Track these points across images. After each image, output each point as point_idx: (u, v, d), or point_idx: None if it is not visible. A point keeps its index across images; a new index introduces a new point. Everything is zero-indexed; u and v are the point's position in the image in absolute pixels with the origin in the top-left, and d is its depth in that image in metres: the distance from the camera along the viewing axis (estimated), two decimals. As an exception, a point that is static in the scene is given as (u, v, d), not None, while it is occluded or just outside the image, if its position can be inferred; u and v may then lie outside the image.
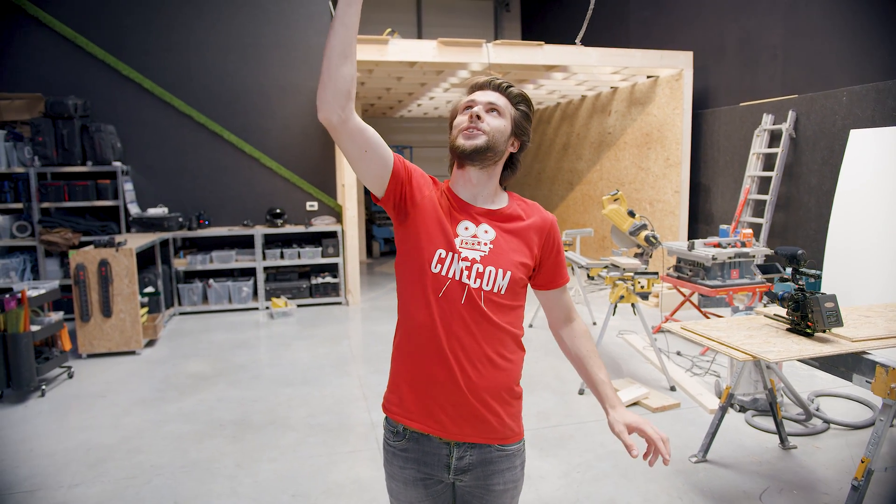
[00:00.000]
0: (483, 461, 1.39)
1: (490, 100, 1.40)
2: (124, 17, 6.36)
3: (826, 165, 5.35)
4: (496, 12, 12.43)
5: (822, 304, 2.39)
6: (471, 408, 1.35)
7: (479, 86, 1.45)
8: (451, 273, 1.34)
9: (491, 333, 1.36)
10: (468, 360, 1.34)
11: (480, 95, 1.42)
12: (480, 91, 1.44)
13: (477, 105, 1.40)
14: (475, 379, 1.35)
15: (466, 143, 1.36)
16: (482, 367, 1.35)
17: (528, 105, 1.45)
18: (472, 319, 1.34)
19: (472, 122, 1.37)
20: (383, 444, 1.47)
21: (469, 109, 1.40)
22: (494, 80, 1.44)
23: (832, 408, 3.60)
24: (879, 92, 4.85)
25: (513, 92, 1.44)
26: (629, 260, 4.26)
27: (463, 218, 1.40)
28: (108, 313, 4.79)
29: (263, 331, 5.70)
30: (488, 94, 1.42)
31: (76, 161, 5.89)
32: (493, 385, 1.38)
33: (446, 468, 1.39)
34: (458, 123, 1.41)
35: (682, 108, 6.66)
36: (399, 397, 1.41)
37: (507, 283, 1.37)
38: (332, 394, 4.01)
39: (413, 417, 1.38)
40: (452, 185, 1.45)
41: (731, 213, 6.45)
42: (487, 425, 1.38)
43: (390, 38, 5.92)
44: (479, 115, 1.38)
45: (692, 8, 7.15)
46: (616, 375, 4.20)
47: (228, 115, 6.73)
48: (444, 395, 1.35)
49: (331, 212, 7.10)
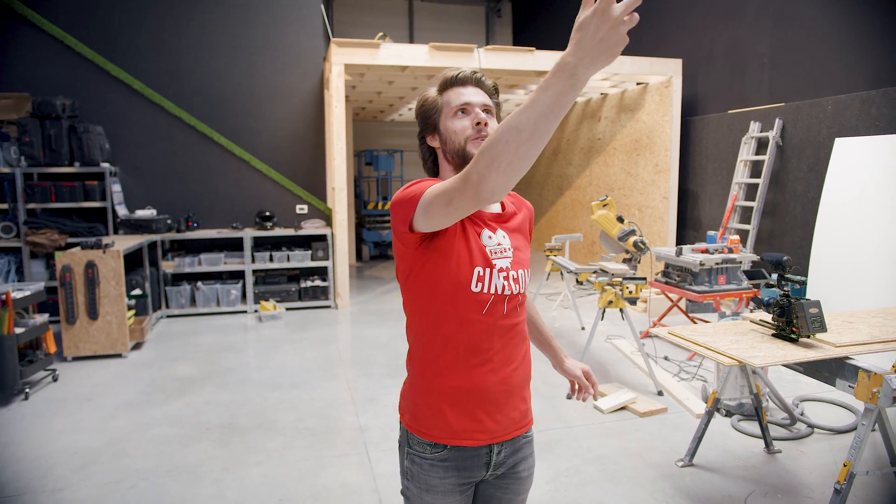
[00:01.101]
0: (513, 451, 1.42)
1: (483, 100, 1.36)
2: (114, 18, 6.32)
3: (812, 173, 5.42)
4: (488, 18, 12.49)
5: (806, 310, 2.42)
6: (513, 405, 1.39)
7: (461, 81, 1.38)
8: (492, 289, 1.32)
9: (520, 330, 1.40)
10: (510, 361, 1.37)
11: (473, 95, 1.36)
12: (465, 88, 1.37)
13: (475, 107, 1.35)
14: (516, 376, 1.39)
15: None
16: (519, 363, 1.40)
17: (498, 92, 1.43)
18: (510, 324, 1.36)
19: (483, 133, 1.32)
20: (410, 458, 1.39)
21: (464, 113, 1.34)
22: (475, 74, 1.38)
23: (816, 412, 3.64)
24: (863, 101, 4.92)
25: (489, 84, 1.40)
26: (618, 265, 4.29)
27: (481, 227, 1.35)
28: (95, 315, 4.74)
29: (252, 334, 5.67)
30: (477, 92, 1.37)
31: (63, 162, 5.84)
32: (527, 376, 1.44)
33: (486, 467, 1.39)
34: (459, 129, 1.33)
35: (672, 115, 6.72)
36: (443, 420, 1.34)
37: (526, 281, 1.41)
38: (320, 397, 4.00)
39: (461, 436, 1.34)
40: None
41: (719, 219, 6.51)
42: (524, 416, 1.43)
43: (382, 42, 5.93)
44: (486, 122, 1.33)
45: (681, 16, 7.22)
46: (604, 380, 4.22)
47: (219, 117, 6.71)
48: (492, 403, 1.36)
49: (321, 215, 7.08)
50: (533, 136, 0.94)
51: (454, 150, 1.34)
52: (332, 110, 6.07)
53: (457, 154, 1.34)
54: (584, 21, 0.88)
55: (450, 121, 1.35)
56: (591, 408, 3.72)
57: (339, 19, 11.29)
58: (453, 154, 1.35)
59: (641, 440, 3.31)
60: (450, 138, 1.35)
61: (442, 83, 1.39)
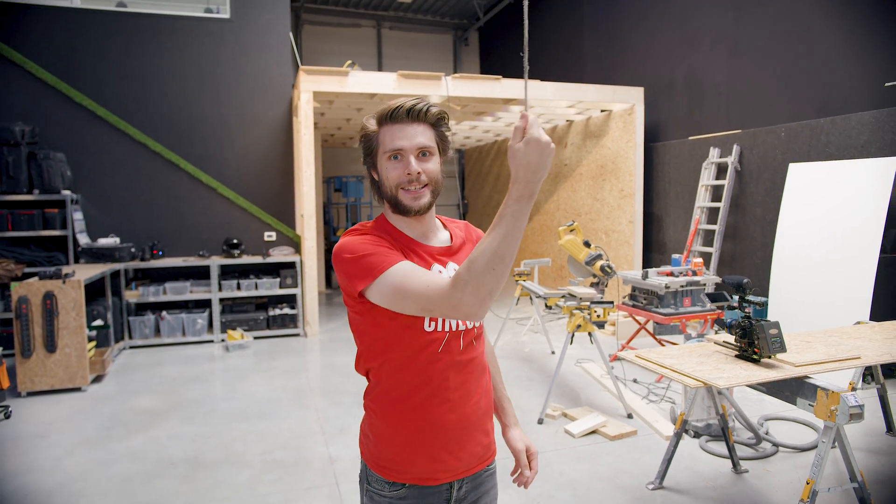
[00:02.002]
0: (475, 486, 1.41)
1: (419, 142, 1.27)
2: (78, 44, 6.25)
3: (769, 197, 5.62)
4: (455, 46, 12.73)
5: (766, 331, 2.49)
6: (476, 440, 1.37)
7: (396, 118, 1.27)
8: (446, 326, 1.30)
9: (479, 363, 1.38)
10: (470, 397, 1.35)
11: (408, 137, 1.26)
12: (400, 127, 1.27)
13: (408, 154, 1.27)
14: (476, 411, 1.37)
15: (415, 205, 1.28)
16: (479, 397, 1.38)
17: (446, 119, 1.34)
18: (467, 359, 1.34)
19: (412, 183, 1.27)
20: (369, 495, 1.36)
21: (397, 159, 1.27)
22: (413, 108, 1.27)
23: (781, 431, 3.72)
24: (813, 129, 5.15)
25: (432, 114, 1.30)
26: (585, 289, 4.35)
27: (430, 262, 1.32)
28: (53, 348, 4.58)
29: (218, 364, 5.55)
30: (414, 132, 1.27)
31: (22, 189, 5.69)
32: (488, 409, 1.42)
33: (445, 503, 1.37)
34: (392, 176, 1.28)
35: (635, 141, 6.91)
36: (401, 459, 1.32)
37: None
38: (289, 428, 3.92)
39: (420, 476, 1.32)
40: (396, 224, 1.34)
41: (683, 242, 6.68)
42: (486, 450, 1.41)
43: (351, 69, 5.99)
44: (420, 171, 1.26)
45: (643, 46, 7.49)
46: (574, 404, 4.24)
47: (185, 144, 6.64)
48: (453, 442, 1.33)
49: (289, 242, 7.02)
50: (511, 258, 1.06)
51: (387, 195, 1.30)
52: (301, 137, 6.07)
53: (389, 199, 1.30)
54: (524, 151, 1.04)
55: (384, 164, 1.29)
56: (563, 432, 3.73)
57: (308, 47, 11.37)
58: (387, 198, 1.31)
59: (612, 464, 3.33)
60: (383, 182, 1.30)
61: (378, 117, 1.30)
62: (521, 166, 1.03)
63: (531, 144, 1.03)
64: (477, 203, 12.15)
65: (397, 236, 1.32)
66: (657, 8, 7.16)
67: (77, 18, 6.25)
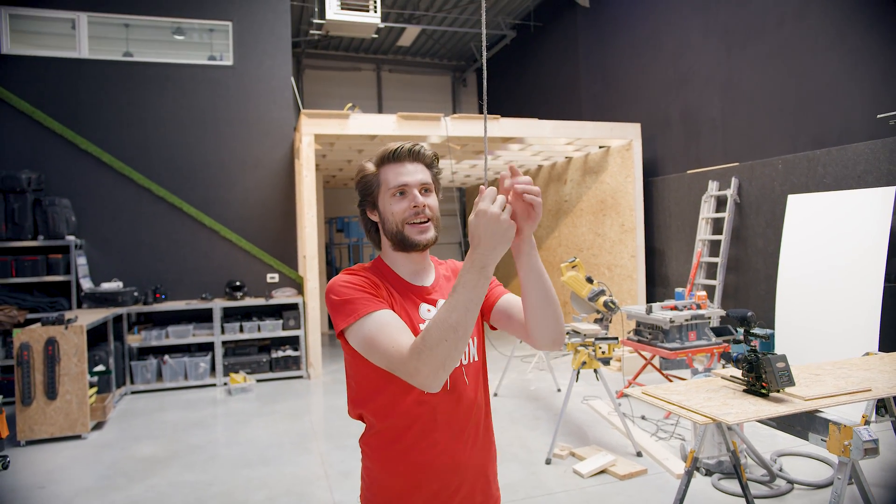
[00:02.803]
0: None
1: (421, 178, 1.32)
2: (84, 93, 6.40)
3: (770, 228, 5.63)
4: (454, 87, 12.98)
5: (773, 365, 2.46)
6: (475, 486, 1.34)
7: (398, 158, 1.34)
8: None
9: (472, 403, 1.34)
10: (462, 438, 1.31)
11: (411, 174, 1.32)
12: (403, 165, 1.33)
13: (412, 189, 1.31)
14: (473, 455, 1.33)
15: (422, 239, 1.31)
16: (475, 440, 1.34)
17: (438, 161, 1.40)
18: (456, 400, 1.31)
19: (420, 216, 1.30)
20: None
21: (402, 195, 1.31)
22: (413, 149, 1.34)
23: (795, 467, 3.63)
24: (810, 160, 5.20)
25: (428, 156, 1.36)
26: (589, 326, 4.32)
27: (419, 301, 1.34)
28: (53, 395, 4.54)
29: (221, 408, 5.48)
30: (416, 169, 1.33)
31: (26, 236, 5.73)
32: (491, 456, 1.39)
33: None
34: (398, 211, 1.31)
35: (634, 176, 6.97)
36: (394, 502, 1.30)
37: (477, 347, 1.37)
38: (292, 473, 3.84)
39: None
40: (392, 264, 1.37)
41: (686, 275, 6.66)
42: (487, 499, 1.37)
43: (351, 112, 6.10)
44: (425, 204, 1.31)
45: (638, 83, 7.63)
46: (582, 443, 4.16)
47: (188, 188, 6.72)
48: (449, 487, 1.30)
49: (292, 283, 7.02)
50: (466, 329, 1.08)
51: (392, 231, 1.32)
52: (303, 179, 6.15)
53: (394, 235, 1.32)
54: (473, 223, 1.08)
55: (388, 201, 1.32)
56: (572, 472, 3.64)
57: (309, 90, 11.61)
58: (391, 235, 1.33)
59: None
60: (388, 219, 1.33)
61: (379, 158, 1.35)
62: (473, 236, 1.08)
63: (479, 216, 1.07)
64: (478, 240, 12.17)
65: (391, 278, 1.34)
66: (651, 46, 7.32)
67: (84, 68, 6.42)
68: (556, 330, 1.25)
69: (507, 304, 1.38)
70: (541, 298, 1.22)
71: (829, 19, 5.06)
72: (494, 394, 5.41)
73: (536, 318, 1.24)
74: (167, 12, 6.73)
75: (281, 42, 7.06)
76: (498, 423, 4.49)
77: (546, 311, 1.23)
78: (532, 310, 1.24)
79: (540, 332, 1.26)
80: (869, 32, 4.75)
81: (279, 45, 7.05)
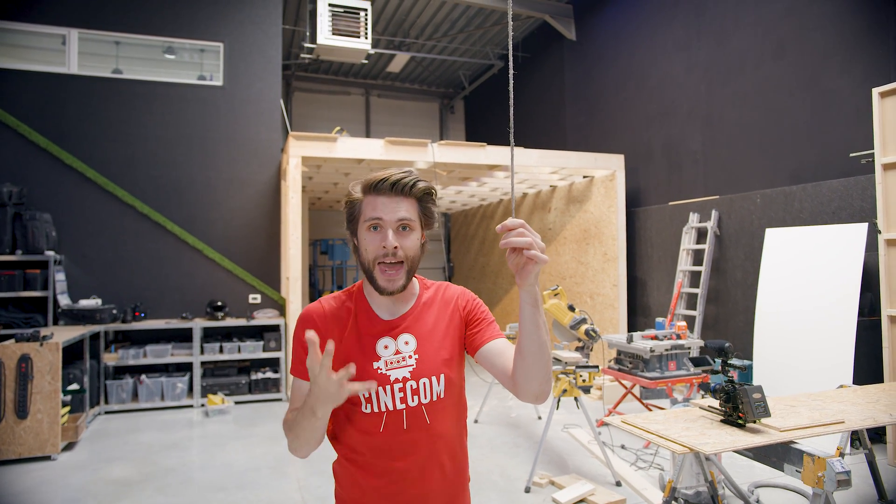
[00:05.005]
0: None
1: (400, 215, 1.27)
2: (71, 108, 6.38)
3: (748, 260, 5.74)
4: (441, 113, 13.15)
5: (750, 396, 2.50)
6: None
7: (380, 190, 1.28)
8: (382, 407, 1.29)
9: (431, 440, 1.33)
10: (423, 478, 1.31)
11: (389, 209, 1.26)
12: (382, 199, 1.27)
13: (388, 227, 1.27)
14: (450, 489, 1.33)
15: (388, 286, 1.28)
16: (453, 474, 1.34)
17: (434, 194, 1.35)
18: (412, 440, 1.30)
19: (389, 260, 1.27)
20: None
21: (377, 230, 1.27)
22: (399, 182, 1.28)
23: (772, 499, 3.65)
24: (787, 195, 5.34)
25: (419, 189, 1.30)
26: (571, 354, 4.35)
27: (381, 335, 1.33)
28: (24, 414, 4.43)
29: (197, 430, 5.38)
30: (397, 206, 1.27)
31: (4, 250, 5.65)
32: (463, 484, 1.38)
33: None
34: (370, 248, 1.28)
35: (617, 206, 7.08)
36: None
37: (444, 385, 1.33)
38: (268, 498, 3.78)
39: None
40: (368, 295, 1.37)
41: (667, 305, 6.74)
42: None
43: (339, 136, 6.15)
44: (396, 246, 1.26)
45: (622, 115, 7.80)
46: (562, 471, 4.15)
47: (173, 206, 6.69)
48: None
49: (274, 304, 6.98)
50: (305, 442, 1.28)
51: (364, 266, 1.31)
52: (289, 201, 6.15)
53: (366, 271, 1.31)
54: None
55: (363, 233, 1.30)
56: (551, 501, 3.63)
57: (298, 112, 11.68)
58: (364, 269, 1.32)
59: (602, 534, 3.23)
60: (361, 251, 1.31)
61: (363, 186, 1.31)
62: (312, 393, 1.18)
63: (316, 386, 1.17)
64: (462, 266, 12.23)
65: (361, 308, 1.36)
66: (635, 80, 7.51)
67: (72, 84, 6.41)
68: (541, 386, 1.24)
69: (491, 351, 1.35)
70: (533, 352, 1.21)
71: (804, 61, 5.26)
72: (475, 420, 5.39)
73: (525, 368, 1.23)
74: (159, 32, 6.77)
75: (271, 64, 7.13)
76: (478, 451, 4.46)
77: (536, 365, 1.22)
78: (522, 360, 1.23)
79: (526, 384, 1.25)
80: (841, 75, 4.94)
81: (269, 67, 7.11)
